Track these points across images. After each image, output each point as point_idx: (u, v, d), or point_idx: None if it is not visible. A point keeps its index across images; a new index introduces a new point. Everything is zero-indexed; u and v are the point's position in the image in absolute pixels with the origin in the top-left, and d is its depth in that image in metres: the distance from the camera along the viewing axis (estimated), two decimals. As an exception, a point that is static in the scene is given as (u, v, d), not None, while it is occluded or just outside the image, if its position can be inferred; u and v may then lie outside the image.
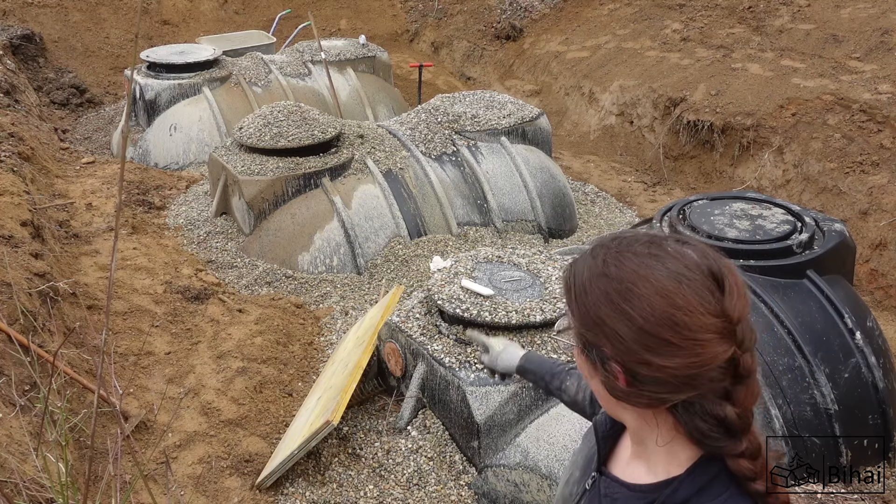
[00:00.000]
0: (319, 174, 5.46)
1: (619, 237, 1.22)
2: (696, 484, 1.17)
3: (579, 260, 1.23)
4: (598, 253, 1.20)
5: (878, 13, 7.82)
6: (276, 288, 5.07)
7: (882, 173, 5.97)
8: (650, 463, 1.24)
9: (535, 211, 5.85)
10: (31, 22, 10.19)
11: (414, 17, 12.50)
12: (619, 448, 1.36)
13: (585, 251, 1.24)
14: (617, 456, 1.35)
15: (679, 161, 7.51)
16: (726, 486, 1.16)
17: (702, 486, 1.16)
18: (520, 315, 3.43)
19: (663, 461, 1.22)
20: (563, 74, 9.40)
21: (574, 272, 1.22)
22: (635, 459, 1.28)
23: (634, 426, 1.24)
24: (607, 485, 1.29)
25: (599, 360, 1.19)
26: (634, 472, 1.27)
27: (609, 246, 1.21)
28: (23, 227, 4.36)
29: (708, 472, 1.17)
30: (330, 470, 3.44)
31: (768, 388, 3.27)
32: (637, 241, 1.20)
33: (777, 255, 3.52)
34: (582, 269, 1.21)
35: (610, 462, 1.35)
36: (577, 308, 1.21)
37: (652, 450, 1.23)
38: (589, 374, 1.25)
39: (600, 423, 1.38)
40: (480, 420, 3.25)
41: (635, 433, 1.26)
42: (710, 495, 1.16)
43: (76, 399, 3.44)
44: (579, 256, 1.24)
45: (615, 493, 1.27)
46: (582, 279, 1.20)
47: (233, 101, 7.36)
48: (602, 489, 1.29)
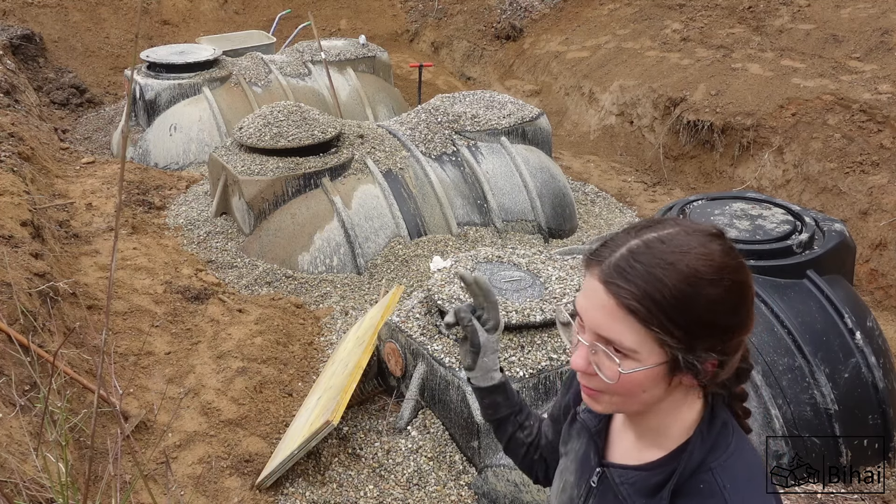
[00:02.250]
0: (319, 174, 5.46)
1: (657, 236, 1.16)
2: (707, 443, 1.21)
3: (646, 275, 1.12)
4: (666, 256, 1.13)
5: (878, 13, 7.82)
6: (276, 288, 5.07)
7: (882, 173, 5.97)
8: (659, 438, 1.25)
9: (535, 211, 5.85)
10: (31, 22, 10.19)
11: (414, 17, 12.50)
12: (612, 440, 1.36)
13: (645, 263, 1.13)
14: (612, 447, 1.35)
15: (679, 161, 7.51)
16: (727, 435, 1.22)
17: (712, 444, 1.21)
18: (520, 315, 3.43)
19: (672, 432, 1.24)
20: (563, 74, 9.40)
21: (653, 288, 1.11)
22: (639, 441, 1.28)
23: (653, 407, 1.22)
24: (619, 474, 1.28)
25: (691, 363, 1.14)
26: (642, 453, 1.28)
27: (665, 246, 1.14)
28: (23, 227, 4.36)
29: (712, 429, 1.22)
30: (330, 470, 3.44)
31: (768, 388, 3.27)
32: (679, 233, 1.17)
33: (777, 255, 3.52)
34: (663, 281, 1.11)
35: (607, 455, 1.35)
36: (681, 319, 1.12)
37: (662, 424, 1.24)
38: (651, 384, 1.17)
39: (588, 422, 1.38)
40: (480, 420, 3.25)
41: (645, 415, 1.24)
42: (720, 450, 1.21)
43: (76, 399, 3.44)
44: (638, 272, 1.13)
45: (630, 478, 1.26)
46: (675, 290, 1.11)
47: (233, 101, 7.36)
48: (616, 479, 1.28)
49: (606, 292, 1.15)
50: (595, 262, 1.18)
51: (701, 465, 1.20)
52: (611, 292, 1.14)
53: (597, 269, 1.17)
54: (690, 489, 1.19)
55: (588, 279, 1.20)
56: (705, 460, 1.20)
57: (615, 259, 1.16)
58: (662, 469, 1.23)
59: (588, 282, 1.20)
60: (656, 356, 1.14)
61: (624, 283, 1.13)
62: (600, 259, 1.18)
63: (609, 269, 1.15)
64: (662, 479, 1.22)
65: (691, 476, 1.20)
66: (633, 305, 1.12)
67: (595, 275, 1.17)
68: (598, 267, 1.17)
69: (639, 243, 1.16)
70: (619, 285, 1.13)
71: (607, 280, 1.15)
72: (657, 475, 1.23)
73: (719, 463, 1.20)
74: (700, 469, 1.20)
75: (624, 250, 1.16)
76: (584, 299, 1.20)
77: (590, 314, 1.18)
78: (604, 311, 1.15)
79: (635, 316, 1.12)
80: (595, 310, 1.17)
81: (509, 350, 3.39)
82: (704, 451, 1.21)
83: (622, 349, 1.14)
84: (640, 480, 1.25)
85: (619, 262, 1.15)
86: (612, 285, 1.14)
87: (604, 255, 1.18)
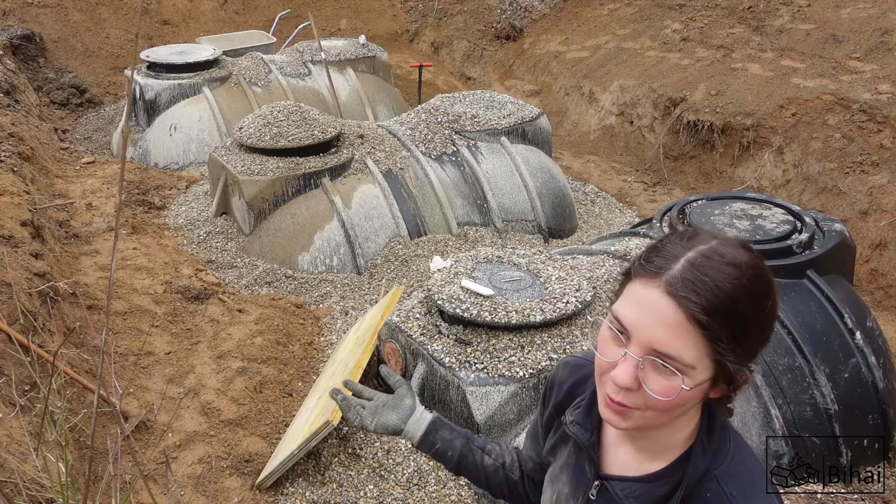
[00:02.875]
0: (319, 174, 5.46)
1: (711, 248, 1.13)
2: (709, 451, 1.21)
3: (715, 290, 1.08)
4: (728, 271, 1.10)
5: (878, 13, 7.82)
6: (276, 288, 5.07)
7: (882, 173, 5.97)
8: (661, 449, 1.24)
9: (535, 211, 5.85)
10: (31, 22, 10.19)
11: (414, 17, 12.51)
12: (606, 451, 1.34)
13: (713, 277, 1.09)
14: (608, 459, 1.33)
15: (679, 161, 7.51)
16: (726, 440, 1.22)
17: (714, 452, 1.21)
18: (520, 315, 3.43)
19: (674, 442, 1.23)
20: (563, 74, 9.40)
21: (722, 302, 1.08)
22: (639, 453, 1.27)
23: (663, 417, 1.19)
24: (622, 487, 1.26)
25: (734, 376, 1.14)
26: (642, 465, 1.26)
27: (723, 259, 1.11)
28: (23, 227, 4.36)
29: (712, 436, 1.22)
30: (330, 470, 3.44)
31: (768, 388, 3.27)
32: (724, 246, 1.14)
33: (777, 255, 3.52)
34: (731, 296, 1.08)
35: (603, 467, 1.33)
36: (742, 334, 1.10)
37: (668, 435, 1.23)
38: (694, 400, 1.15)
39: (579, 435, 1.35)
40: (480, 420, 3.25)
41: (650, 431, 1.22)
42: (722, 456, 1.21)
43: (76, 399, 3.44)
44: (708, 286, 1.08)
45: (634, 491, 1.25)
46: (741, 305, 1.09)
47: (233, 101, 7.36)
48: (619, 493, 1.26)
49: (676, 306, 1.09)
50: (653, 274, 1.13)
51: (705, 473, 1.20)
52: (681, 306, 1.08)
53: (656, 281, 1.11)
54: (697, 498, 1.19)
55: (643, 291, 1.13)
56: (709, 469, 1.20)
57: (679, 271, 1.10)
58: (667, 480, 1.22)
59: (643, 294, 1.13)
60: (708, 371, 1.12)
61: (695, 297, 1.08)
62: (658, 270, 1.12)
63: (677, 282, 1.09)
64: (668, 491, 1.21)
65: (696, 485, 1.20)
66: (706, 320, 1.08)
67: (656, 287, 1.11)
68: (656, 279, 1.11)
69: (697, 256, 1.12)
70: (691, 299, 1.08)
71: (677, 294, 1.09)
72: (662, 486, 1.22)
73: (723, 470, 1.19)
74: (705, 478, 1.19)
75: (685, 263, 1.11)
76: (639, 312, 1.13)
77: (649, 328, 1.11)
78: (668, 326, 1.10)
79: (704, 331, 1.08)
80: (657, 324, 1.11)
81: (509, 350, 3.39)
82: (707, 459, 1.20)
83: (681, 365, 1.10)
84: (644, 493, 1.24)
85: (685, 275, 1.10)
86: (682, 299, 1.08)
87: (661, 266, 1.13)
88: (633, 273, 1.17)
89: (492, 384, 3.29)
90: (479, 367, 3.34)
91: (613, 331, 1.16)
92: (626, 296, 1.17)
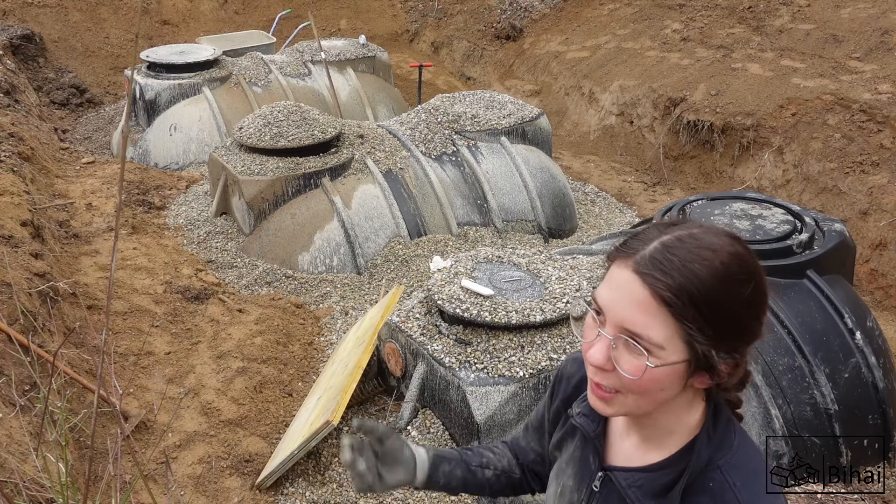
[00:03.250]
0: (319, 174, 5.46)
1: (688, 233, 1.16)
2: (713, 441, 1.21)
3: (682, 269, 1.11)
4: (701, 252, 1.12)
5: (878, 13, 7.82)
6: (276, 288, 5.07)
7: (882, 173, 5.97)
8: (665, 439, 1.24)
9: (535, 211, 5.85)
10: (31, 22, 10.19)
11: (414, 17, 12.51)
12: (611, 443, 1.35)
13: (681, 258, 1.12)
14: (612, 451, 1.34)
15: (679, 161, 7.51)
16: (731, 433, 1.23)
17: (718, 443, 1.21)
18: (520, 315, 3.43)
19: (678, 433, 1.24)
20: (563, 74, 9.40)
21: (689, 281, 1.10)
22: (644, 443, 1.27)
23: (664, 408, 1.21)
24: (625, 477, 1.27)
25: (712, 363, 1.14)
26: (646, 455, 1.27)
27: (697, 242, 1.14)
28: (23, 227, 4.36)
29: (717, 427, 1.22)
30: (330, 470, 3.44)
31: (768, 388, 3.27)
32: (706, 232, 1.17)
33: (777, 255, 3.52)
34: (699, 276, 1.10)
35: (607, 459, 1.34)
36: (712, 316, 1.11)
37: (670, 425, 1.23)
38: (669, 383, 1.15)
39: (586, 426, 1.36)
40: (480, 420, 3.25)
41: (654, 416, 1.23)
42: (726, 447, 1.21)
43: (76, 399, 3.44)
44: (675, 265, 1.11)
45: (637, 480, 1.25)
46: (710, 285, 1.10)
47: (233, 101, 7.36)
48: (622, 482, 1.27)
49: (641, 283, 1.12)
50: (625, 255, 1.16)
51: (708, 463, 1.20)
52: (646, 283, 1.11)
53: (628, 262, 1.15)
54: (700, 488, 1.19)
55: (616, 271, 1.17)
56: (712, 458, 1.20)
57: (649, 252, 1.14)
58: (670, 469, 1.22)
59: (616, 274, 1.16)
60: (680, 353, 1.13)
61: (660, 276, 1.11)
62: (631, 252, 1.16)
63: (644, 261, 1.13)
64: (671, 480, 1.21)
65: (700, 475, 1.20)
66: (670, 297, 1.10)
67: (627, 266, 1.15)
68: (629, 259, 1.15)
69: (671, 238, 1.15)
70: (656, 277, 1.11)
71: (642, 271, 1.12)
72: (665, 476, 1.22)
73: (726, 461, 1.20)
74: (708, 468, 1.20)
75: (657, 244, 1.14)
76: (610, 291, 1.16)
77: (618, 306, 1.15)
78: (636, 303, 1.12)
79: (669, 309, 1.10)
80: (625, 302, 1.14)
81: (509, 350, 3.39)
82: (711, 449, 1.21)
83: (649, 344, 1.12)
84: (647, 482, 1.24)
85: (654, 255, 1.13)
86: (647, 276, 1.11)
87: (634, 248, 1.16)
88: (611, 256, 1.20)
89: (492, 384, 3.29)
90: (479, 367, 3.34)
91: (592, 313, 1.19)
92: (605, 278, 1.20)
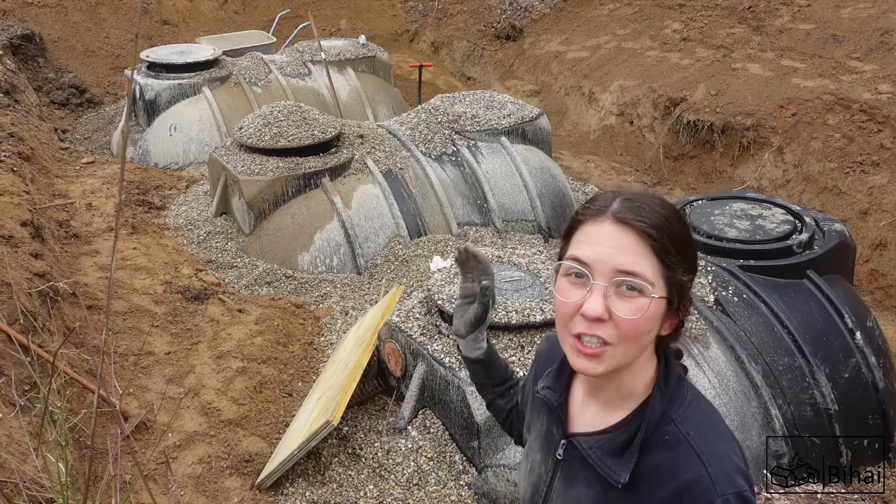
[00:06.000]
0: (319, 174, 5.46)
1: (633, 191, 1.31)
2: (666, 396, 1.29)
3: (652, 213, 1.24)
4: (654, 201, 1.27)
5: (878, 13, 7.82)
6: (276, 288, 5.07)
7: (882, 173, 5.97)
8: (625, 401, 1.31)
9: (535, 211, 5.84)
10: (31, 22, 10.19)
11: (414, 17, 12.51)
12: (573, 413, 1.41)
13: (648, 205, 1.26)
14: (575, 420, 1.40)
15: (679, 161, 7.51)
16: (683, 388, 1.32)
17: (670, 397, 1.29)
18: (520, 315, 3.43)
19: (636, 392, 1.31)
20: (563, 74, 9.40)
21: (661, 222, 1.24)
22: (605, 408, 1.34)
23: (631, 365, 1.28)
24: (586, 440, 1.33)
25: (682, 297, 1.27)
26: (607, 418, 1.33)
27: (646, 194, 1.29)
28: (23, 227, 4.36)
29: (669, 382, 1.30)
30: (330, 470, 3.44)
31: (768, 388, 3.27)
32: (630, 189, 1.33)
33: (777, 255, 3.52)
34: (665, 216, 1.25)
35: (569, 428, 1.40)
36: (681, 249, 1.25)
37: (631, 384, 1.30)
38: (656, 322, 1.25)
39: (549, 397, 1.43)
40: (480, 420, 3.25)
41: (619, 375, 1.29)
42: (678, 401, 1.29)
43: (76, 399, 3.44)
44: (646, 210, 1.24)
45: (598, 441, 1.31)
46: (674, 223, 1.25)
47: (233, 101, 7.36)
48: (584, 446, 1.33)
49: (626, 228, 1.23)
50: (596, 213, 1.26)
51: (662, 417, 1.27)
52: (631, 227, 1.22)
53: (601, 217, 1.25)
54: (657, 441, 1.26)
55: (591, 228, 1.26)
56: (666, 412, 1.27)
57: (619, 205, 1.25)
58: (628, 427, 1.29)
59: (593, 230, 1.25)
60: (663, 290, 1.24)
61: (640, 219, 1.22)
62: (600, 210, 1.26)
63: (621, 211, 1.24)
64: (629, 436, 1.27)
65: (655, 429, 1.26)
66: (653, 233, 1.22)
67: (603, 221, 1.24)
68: (601, 215, 1.25)
69: (629, 194, 1.28)
70: (637, 220, 1.22)
71: (622, 219, 1.23)
72: (623, 433, 1.28)
73: (679, 413, 1.27)
74: (663, 421, 1.27)
75: (621, 199, 1.26)
76: (593, 245, 1.24)
77: (609, 254, 1.22)
78: (623, 247, 1.22)
79: (653, 244, 1.22)
80: (614, 248, 1.22)
81: (509, 350, 3.39)
82: (664, 404, 1.28)
83: (644, 280, 1.21)
84: (607, 442, 1.30)
85: (625, 205, 1.25)
86: (631, 220, 1.22)
87: (601, 206, 1.27)
88: (579, 220, 1.29)
89: (492, 384, 3.28)
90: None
91: (573, 276, 1.26)
92: (576, 242, 1.28)
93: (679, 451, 1.23)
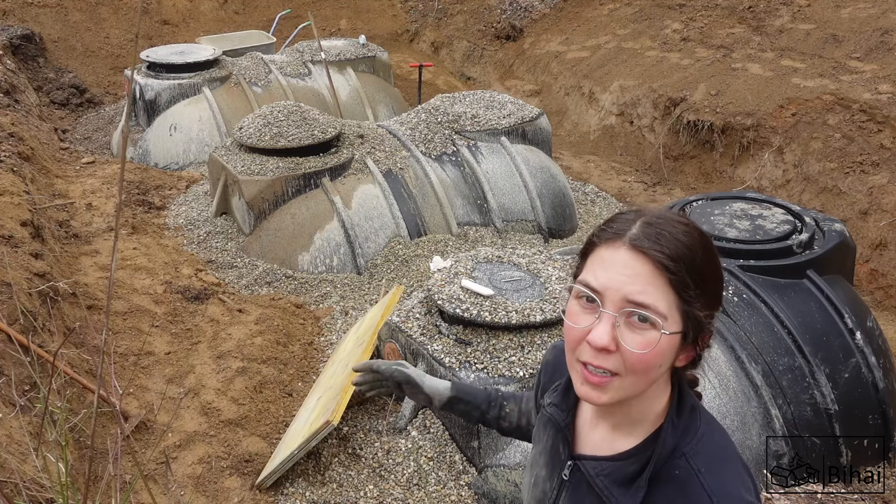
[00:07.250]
0: (319, 174, 5.46)
1: (658, 213, 1.22)
2: (678, 428, 1.24)
3: (673, 241, 1.16)
4: (679, 227, 1.19)
5: (878, 13, 7.82)
6: (276, 288, 5.07)
7: (882, 173, 5.97)
8: (634, 427, 1.26)
9: (535, 211, 5.84)
10: (31, 22, 10.18)
11: (414, 17, 12.51)
12: (580, 433, 1.36)
13: (670, 231, 1.18)
14: (582, 440, 1.35)
15: (679, 161, 7.51)
16: (696, 419, 1.26)
17: (683, 429, 1.23)
18: (520, 315, 3.43)
19: (647, 420, 1.25)
20: (563, 74, 9.40)
21: (681, 252, 1.16)
22: (614, 432, 1.29)
23: (644, 393, 1.23)
24: (593, 466, 1.28)
25: (701, 331, 1.21)
26: (614, 444, 1.28)
27: (671, 218, 1.21)
28: (23, 227, 4.36)
29: (681, 413, 1.25)
30: (330, 470, 3.44)
31: (768, 388, 3.27)
32: (655, 210, 1.25)
33: (777, 255, 3.52)
34: (688, 245, 1.17)
35: (577, 448, 1.35)
36: (702, 283, 1.17)
37: (641, 412, 1.25)
38: (668, 357, 1.19)
39: (556, 416, 1.39)
40: (480, 420, 3.25)
41: (629, 403, 1.24)
42: (691, 434, 1.24)
43: (76, 399, 3.44)
44: (667, 238, 1.17)
45: (605, 469, 1.27)
46: (697, 254, 1.17)
47: (233, 101, 7.37)
48: (590, 471, 1.28)
49: (642, 257, 1.16)
50: (612, 237, 1.19)
51: (674, 450, 1.22)
52: (647, 256, 1.15)
53: (618, 242, 1.18)
54: (666, 476, 1.21)
55: (606, 253, 1.19)
56: (678, 446, 1.22)
57: (637, 230, 1.18)
58: (637, 458, 1.24)
59: (608, 255, 1.19)
60: (678, 324, 1.17)
61: (658, 247, 1.15)
62: (617, 234, 1.19)
63: (638, 238, 1.17)
64: (638, 468, 1.23)
65: (665, 462, 1.21)
66: (671, 265, 1.14)
67: (619, 246, 1.18)
68: (618, 240, 1.18)
69: (650, 218, 1.20)
70: (655, 249, 1.15)
71: (639, 246, 1.16)
72: (632, 464, 1.24)
73: (691, 447, 1.22)
74: (674, 455, 1.22)
75: (641, 223, 1.19)
76: (607, 271, 1.18)
77: (621, 283, 1.16)
78: (637, 276, 1.15)
79: (670, 277, 1.14)
80: (627, 276, 1.16)
81: (509, 350, 3.39)
82: (676, 436, 1.23)
83: (657, 314, 1.15)
84: (615, 471, 1.25)
85: (644, 231, 1.17)
86: (647, 249, 1.15)
87: (619, 230, 1.19)
88: (595, 243, 1.23)
89: (492, 384, 3.28)
90: (479, 367, 3.34)
91: (583, 300, 1.20)
92: (590, 265, 1.22)
93: (689, 489, 1.18)
